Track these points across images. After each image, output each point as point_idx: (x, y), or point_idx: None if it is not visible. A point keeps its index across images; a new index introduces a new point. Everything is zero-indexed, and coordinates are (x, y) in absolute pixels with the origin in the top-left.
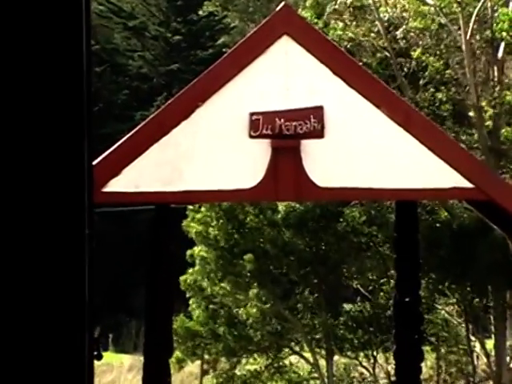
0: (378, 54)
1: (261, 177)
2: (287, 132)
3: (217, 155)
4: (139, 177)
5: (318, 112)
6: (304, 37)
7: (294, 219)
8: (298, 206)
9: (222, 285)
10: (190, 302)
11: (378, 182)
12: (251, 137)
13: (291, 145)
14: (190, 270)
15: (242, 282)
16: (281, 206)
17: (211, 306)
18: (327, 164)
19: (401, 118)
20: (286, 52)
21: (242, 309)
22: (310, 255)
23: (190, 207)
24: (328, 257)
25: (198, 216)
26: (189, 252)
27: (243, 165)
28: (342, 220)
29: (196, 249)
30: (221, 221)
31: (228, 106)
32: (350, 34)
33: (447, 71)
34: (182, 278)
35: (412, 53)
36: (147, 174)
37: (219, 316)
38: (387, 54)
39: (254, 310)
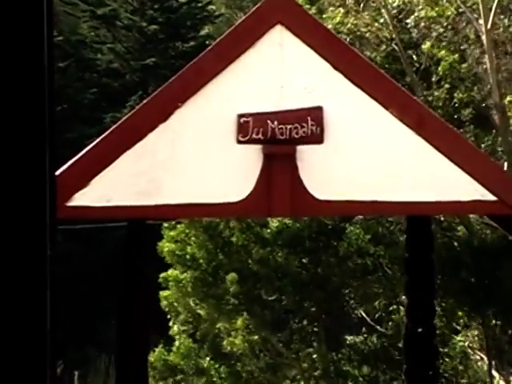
0: (384, 47)
1: (250, 189)
2: (281, 136)
3: (200, 164)
4: (110, 189)
5: (316, 113)
6: (301, 26)
7: (287, 237)
8: (292, 221)
9: (200, 312)
10: (171, 330)
11: (386, 194)
12: (239, 142)
13: (286, 151)
14: (163, 294)
15: (226, 307)
16: (272, 222)
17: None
18: (327, 174)
19: (412, 121)
20: (279, 44)
21: (226, 339)
22: (306, 278)
23: (165, 224)
24: (328, 280)
25: (173, 233)
26: (162, 275)
27: (230, 175)
28: (343, 238)
29: (171, 271)
30: (201, 238)
31: (213, 106)
32: (351, 24)
33: (463, 65)
34: (162, 295)
35: (423, 45)
36: (119, 185)
37: (203, 347)
38: (395, 46)
39: (241, 341)
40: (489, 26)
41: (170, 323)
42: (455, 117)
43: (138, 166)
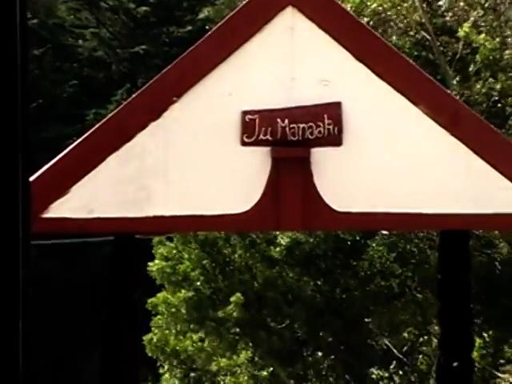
0: (413, 33)
1: (256, 198)
2: (293, 137)
3: (197, 169)
4: (93, 198)
5: (334, 110)
6: (316, 8)
7: (299, 255)
8: (305, 237)
9: (198, 343)
10: (161, 369)
11: (415, 205)
12: (244, 144)
13: (298, 154)
14: (147, 338)
15: (227, 335)
16: (281, 238)
17: (191, 374)
18: (347, 181)
19: (447, 119)
20: (291, 29)
21: (228, 377)
22: (321, 303)
23: (156, 239)
24: (347, 306)
25: (164, 250)
26: (151, 300)
27: (232, 182)
28: (365, 257)
29: (160, 295)
30: (197, 255)
31: (213, 102)
32: (374, 5)
33: (506, 52)
34: (146, 338)
35: (459, 31)
36: (103, 193)
37: None
38: (424, 34)
39: (246, 378)
40: None
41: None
42: (496, 113)
43: (125, 172)
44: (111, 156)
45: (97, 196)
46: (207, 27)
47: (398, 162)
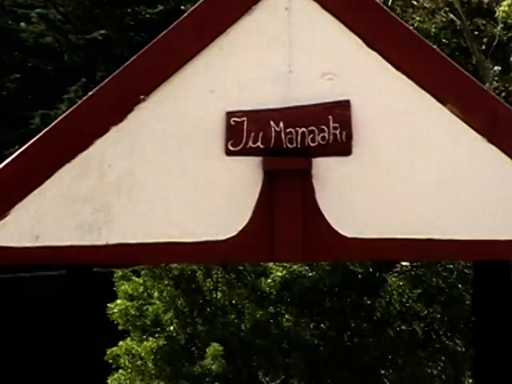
0: (440, 15)
1: (245, 221)
2: (290, 145)
3: (170, 185)
4: (39, 221)
5: (341, 111)
6: None
7: (298, 291)
8: (304, 267)
9: None
10: None
11: (442, 229)
12: (229, 153)
13: (297, 166)
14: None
15: None
16: (275, 270)
17: None
18: (357, 199)
19: (481, 121)
20: (287, 9)
21: None
22: (326, 352)
23: (119, 272)
24: (358, 355)
25: (126, 287)
26: (111, 350)
27: (215, 201)
28: (381, 294)
29: (123, 344)
30: (169, 293)
31: (189, 101)
32: None
33: None
34: None
35: (496, 11)
36: (53, 216)
37: None
38: (452, 17)
39: None
40: None
41: None
42: None
43: (79, 188)
44: (62, 169)
45: (44, 219)
46: (182, 7)
47: (420, 176)
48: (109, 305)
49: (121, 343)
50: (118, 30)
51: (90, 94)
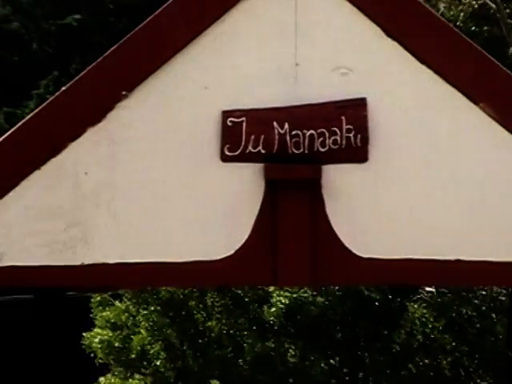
0: (468, 0)
1: (243, 238)
2: (296, 150)
3: (156, 196)
4: (3, 238)
5: (356, 111)
6: None
7: (305, 320)
8: (311, 293)
9: None
10: None
11: (473, 250)
12: (226, 159)
13: (304, 175)
14: None
15: None
16: (278, 296)
17: None
18: (374, 213)
19: None
20: None
21: None
22: None
23: (98, 297)
24: None
25: (106, 314)
26: None
27: (209, 215)
28: (401, 323)
29: (102, 381)
30: (156, 322)
31: (180, 99)
32: None
33: None
34: None
35: None
36: (19, 232)
37: None
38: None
39: None
40: None
41: None
42: None
43: (50, 200)
44: (30, 177)
45: (8, 236)
46: None
47: (448, 188)
48: (85, 334)
49: (101, 379)
50: (95, 15)
51: (63, 89)
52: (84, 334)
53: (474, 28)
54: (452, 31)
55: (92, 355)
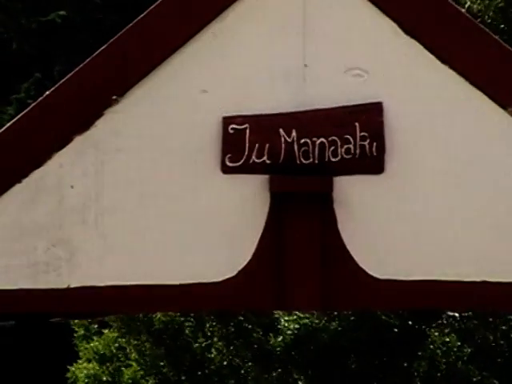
0: None
1: (247, 258)
2: (305, 160)
3: (150, 212)
4: None
5: (371, 116)
6: None
7: (314, 349)
8: (322, 318)
9: None
10: None
11: (500, 270)
12: (227, 170)
13: (314, 188)
14: None
15: None
16: (286, 322)
17: None
18: (391, 231)
19: None
20: None
21: None
22: None
23: (81, 330)
24: None
25: (94, 345)
26: None
27: (208, 232)
28: (422, 353)
29: None
30: (149, 352)
31: (176, 103)
32: None
33: None
34: None
35: None
36: None
37: None
38: None
39: None
40: None
41: None
42: None
43: (33, 216)
44: (10, 191)
45: None
46: None
47: (473, 202)
48: (70, 368)
49: None
50: (81, 12)
51: (47, 93)
52: (69, 367)
53: (502, 26)
54: (478, 28)
55: None
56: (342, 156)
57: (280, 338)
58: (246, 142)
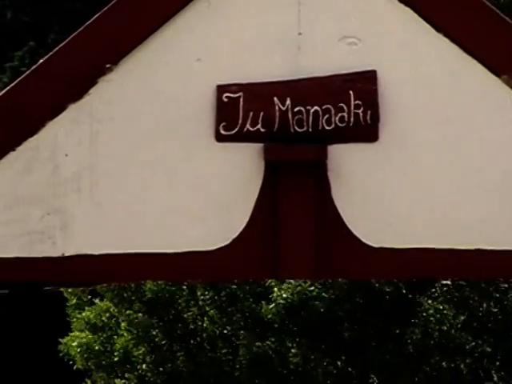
0: None
1: (241, 227)
2: (299, 128)
3: (144, 180)
4: None
5: (365, 84)
6: None
7: (308, 318)
8: (316, 286)
9: None
10: None
11: (494, 237)
12: (221, 139)
13: (308, 156)
14: None
15: None
16: (279, 290)
17: None
18: (385, 199)
19: None
20: None
21: None
22: None
23: (73, 299)
24: None
25: (86, 315)
26: None
27: (202, 200)
28: (415, 321)
29: None
30: (142, 322)
31: (170, 71)
32: None
33: None
34: None
35: None
36: None
37: None
38: None
39: None
40: None
41: None
42: None
43: (27, 185)
44: (4, 159)
45: None
46: None
47: (466, 169)
48: (62, 340)
49: None
50: None
51: (41, 61)
52: (61, 340)
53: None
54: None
55: (71, 362)
56: (336, 124)
57: (272, 306)
58: (240, 111)
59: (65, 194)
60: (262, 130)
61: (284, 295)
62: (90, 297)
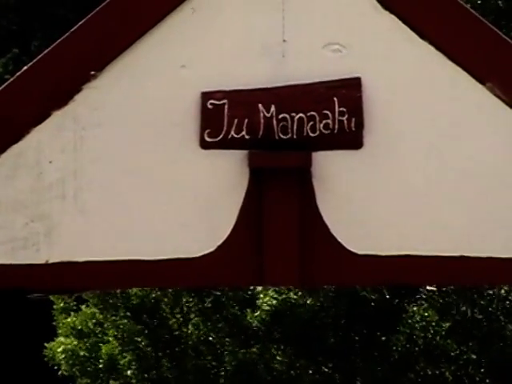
0: None
1: (225, 234)
2: (284, 135)
3: (128, 187)
4: None
5: (350, 91)
6: None
7: (293, 324)
8: (301, 294)
9: None
10: None
11: (478, 245)
12: (206, 145)
13: (292, 163)
14: None
15: None
16: (264, 297)
17: None
18: (370, 206)
19: None
20: None
21: None
22: None
23: (61, 302)
24: None
25: (71, 320)
26: None
27: (186, 207)
28: (400, 328)
29: None
30: (126, 328)
31: (154, 78)
32: None
33: None
34: None
35: None
36: None
37: None
38: None
39: None
40: None
41: None
42: None
43: (11, 191)
44: None
45: None
46: None
47: (451, 176)
48: (47, 345)
49: None
50: None
51: (25, 68)
52: (46, 345)
53: (479, 1)
54: (457, 3)
55: (56, 367)
56: (320, 131)
57: (257, 313)
58: (224, 118)
59: (49, 200)
60: (247, 136)
61: (269, 302)
62: (75, 303)
